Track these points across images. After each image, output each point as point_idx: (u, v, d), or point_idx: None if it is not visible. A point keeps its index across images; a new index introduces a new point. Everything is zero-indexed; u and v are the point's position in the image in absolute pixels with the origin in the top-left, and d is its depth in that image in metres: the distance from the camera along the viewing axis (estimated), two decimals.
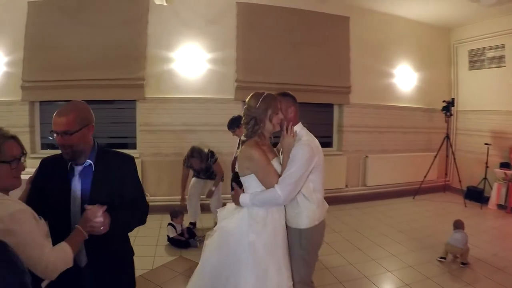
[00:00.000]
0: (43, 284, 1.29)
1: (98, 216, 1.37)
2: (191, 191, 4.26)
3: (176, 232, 3.85)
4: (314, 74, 5.33)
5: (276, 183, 1.82)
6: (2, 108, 4.89)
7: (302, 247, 1.97)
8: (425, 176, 5.90)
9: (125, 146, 5.08)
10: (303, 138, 1.94)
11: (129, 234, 1.83)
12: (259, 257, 1.83)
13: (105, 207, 1.40)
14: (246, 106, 1.93)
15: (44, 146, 5.19)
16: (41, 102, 5.06)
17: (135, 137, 5.04)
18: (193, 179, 4.28)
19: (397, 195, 5.91)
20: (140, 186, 1.71)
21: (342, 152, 5.62)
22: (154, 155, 4.94)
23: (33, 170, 2.35)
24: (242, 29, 5.08)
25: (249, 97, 1.93)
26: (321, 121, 5.67)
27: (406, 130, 6.11)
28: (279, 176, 1.86)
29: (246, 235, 1.85)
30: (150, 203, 1.78)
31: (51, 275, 1.22)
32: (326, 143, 5.66)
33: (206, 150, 4.03)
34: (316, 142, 1.99)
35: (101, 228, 1.38)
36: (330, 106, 5.69)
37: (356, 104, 5.63)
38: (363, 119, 5.71)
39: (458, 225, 3.59)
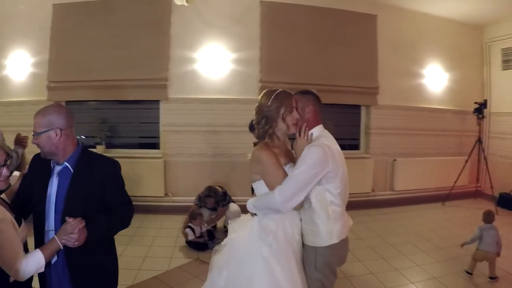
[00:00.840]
0: (11, 279, 1.36)
1: (74, 232, 1.40)
2: None
3: (194, 234, 3.75)
4: (340, 74, 5.16)
5: None
6: (28, 107, 4.91)
7: (318, 268, 1.72)
8: (455, 182, 5.61)
9: (154, 146, 5.09)
10: (318, 140, 1.72)
11: (148, 234, 1.78)
12: (273, 273, 1.65)
13: (83, 224, 1.43)
14: (257, 104, 1.76)
15: None
16: (67, 102, 5.13)
17: (159, 137, 5.03)
18: None
19: (426, 201, 5.63)
20: (122, 191, 1.67)
21: (369, 155, 5.40)
22: (176, 156, 4.91)
23: None
24: (266, 29, 4.97)
25: (261, 94, 1.77)
26: (348, 123, 5.49)
27: (436, 132, 5.83)
28: None
29: (259, 248, 1.68)
30: (172, 203, 1.72)
31: (20, 278, 1.33)
32: (353, 145, 5.49)
33: (220, 190, 4.09)
34: (335, 146, 1.73)
35: (75, 243, 1.41)
36: (357, 107, 5.50)
37: (384, 106, 5.41)
38: (391, 121, 5.48)
39: (490, 218, 3.18)
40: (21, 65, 5.15)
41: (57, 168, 1.56)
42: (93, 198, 1.54)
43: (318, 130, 1.78)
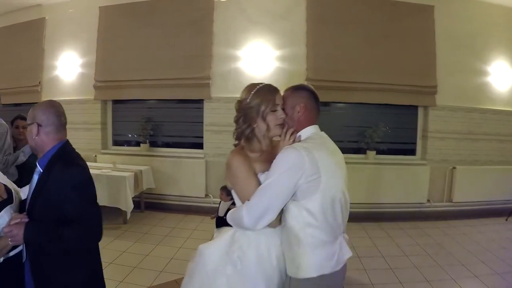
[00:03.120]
0: None
1: (9, 225, 1.32)
2: None
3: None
4: (394, 71, 4.73)
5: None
6: (77, 106, 5.20)
7: None
8: None
9: (198, 146, 5.04)
10: (299, 142, 1.41)
11: (181, 235, 1.56)
12: None
13: (19, 219, 1.34)
14: (238, 99, 1.52)
15: (116, 142, 5.43)
16: (114, 101, 5.26)
17: (203, 137, 4.99)
18: None
19: (487, 215, 4.97)
20: (84, 203, 1.44)
21: (426, 162, 4.90)
22: (218, 156, 4.82)
23: (104, 165, 2.28)
24: (312, 24, 4.69)
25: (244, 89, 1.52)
26: (404, 126, 5.02)
27: (503, 138, 5.17)
28: None
29: (224, 265, 1.44)
30: (212, 205, 1.46)
31: None
32: (408, 150, 5.02)
33: None
34: (322, 152, 1.35)
35: (9, 239, 1.33)
36: (413, 108, 5.01)
37: (443, 106, 4.89)
38: (452, 124, 4.93)
39: None
40: (70, 66, 5.36)
41: (38, 168, 1.51)
42: (52, 205, 1.39)
43: (308, 132, 1.45)
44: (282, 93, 1.50)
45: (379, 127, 4.75)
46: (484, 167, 5.06)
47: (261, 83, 1.48)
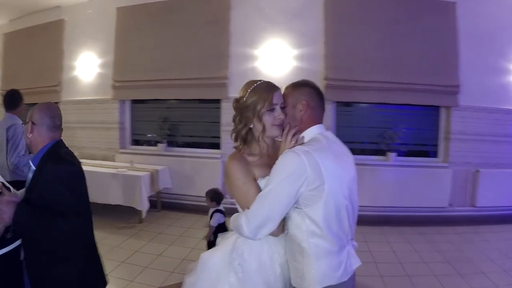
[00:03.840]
0: None
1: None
2: None
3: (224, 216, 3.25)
4: (415, 70, 4.59)
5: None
6: (96, 106, 5.28)
7: None
8: None
9: (215, 146, 5.02)
10: (302, 145, 1.30)
11: (195, 236, 1.56)
12: None
13: (11, 198, 1.33)
14: (235, 98, 1.43)
15: (134, 142, 5.50)
16: (132, 101, 5.34)
17: (220, 137, 4.97)
18: None
19: None
20: (72, 196, 1.42)
21: (447, 164, 4.73)
22: None
23: (123, 164, 2.25)
24: (331, 22, 4.61)
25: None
26: (425, 127, 4.85)
27: None
28: None
29: (227, 274, 1.37)
30: (229, 205, 1.40)
31: None
32: (430, 152, 4.86)
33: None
34: (325, 156, 1.24)
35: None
36: (435, 109, 4.86)
37: (466, 107, 4.72)
38: (475, 125, 4.74)
39: None
40: (89, 66, 5.44)
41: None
42: (44, 201, 1.41)
43: (312, 132, 1.33)
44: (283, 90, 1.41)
45: (400, 128, 4.62)
46: (509, 171, 4.86)
47: (260, 80, 1.38)
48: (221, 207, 3.25)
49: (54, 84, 5.68)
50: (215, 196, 3.26)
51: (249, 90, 1.35)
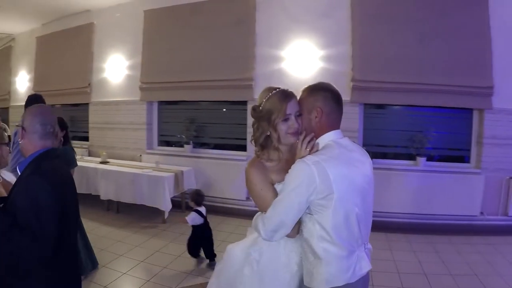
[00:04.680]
0: None
1: None
2: None
3: (204, 215, 3.36)
4: (445, 71, 4.40)
5: None
6: (124, 107, 5.42)
7: None
8: None
9: (242, 148, 5.03)
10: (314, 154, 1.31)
11: (217, 238, 1.59)
12: None
13: None
14: (252, 106, 1.44)
15: (161, 143, 5.59)
16: (160, 102, 5.43)
17: (245, 139, 4.95)
18: None
19: None
20: (24, 212, 1.29)
21: (480, 170, 4.49)
22: None
23: (149, 165, 2.21)
24: (358, 21, 4.50)
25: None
26: (457, 130, 4.64)
27: None
28: None
29: (243, 266, 1.45)
30: (254, 208, 1.40)
31: None
32: (461, 157, 4.64)
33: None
34: (335, 166, 1.25)
35: None
36: (468, 111, 4.66)
37: (500, 110, 4.46)
38: (510, 129, 4.46)
39: None
40: (118, 68, 5.58)
41: None
42: (10, 209, 1.34)
43: (326, 139, 1.33)
44: (300, 93, 1.41)
45: (430, 131, 4.43)
46: None
47: (277, 88, 1.39)
48: (201, 208, 3.38)
49: (84, 85, 5.88)
50: (194, 197, 3.45)
51: (264, 100, 1.37)
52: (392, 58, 4.45)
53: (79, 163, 3.49)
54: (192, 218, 3.31)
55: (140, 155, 5.37)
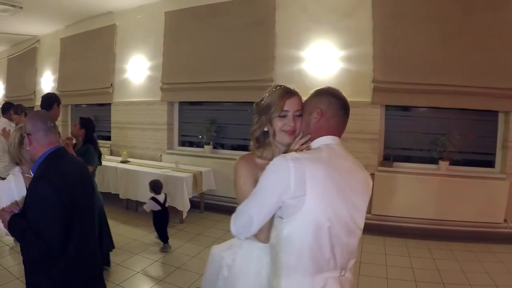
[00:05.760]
0: None
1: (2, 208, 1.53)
2: None
3: (161, 202, 3.74)
4: (470, 72, 4.24)
5: None
6: (145, 107, 5.52)
7: None
8: None
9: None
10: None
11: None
12: None
13: (11, 208, 1.50)
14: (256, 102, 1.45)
15: (182, 143, 5.66)
16: (181, 103, 5.50)
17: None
18: None
19: None
20: (38, 218, 1.41)
21: (505, 176, 4.28)
22: None
23: (168, 165, 2.17)
24: (379, 21, 4.39)
25: None
26: (482, 134, 4.45)
27: None
28: None
29: (219, 269, 1.43)
30: None
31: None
32: (486, 162, 4.43)
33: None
34: (316, 168, 1.13)
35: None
36: (493, 114, 4.46)
37: None
38: None
39: None
40: (139, 69, 5.68)
41: None
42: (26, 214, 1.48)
43: (320, 142, 1.25)
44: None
45: (453, 134, 4.24)
46: None
47: (281, 86, 1.39)
48: (159, 196, 3.77)
49: (107, 86, 6.02)
50: (152, 185, 3.80)
51: (268, 94, 1.38)
52: (415, 58, 4.34)
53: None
54: (148, 206, 3.72)
55: (161, 155, 5.45)
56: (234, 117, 5.20)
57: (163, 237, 3.67)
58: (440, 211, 4.19)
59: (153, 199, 3.71)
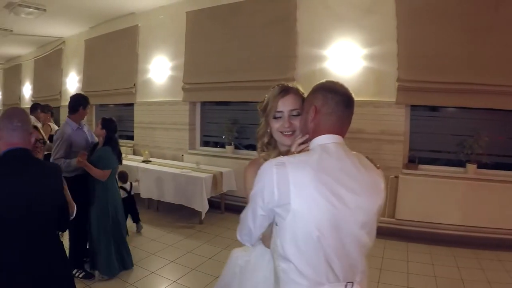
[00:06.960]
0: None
1: None
2: None
3: (127, 190, 4.27)
4: (500, 70, 3.97)
5: None
6: (167, 107, 5.61)
7: None
8: None
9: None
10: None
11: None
12: None
13: None
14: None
15: (204, 143, 5.71)
16: (203, 103, 5.54)
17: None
18: None
19: None
20: None
21: None
22: None
23: (189, 165, 2.15)
24: (404, 17, 4.25)
25: None
26: (510, 135, 4.19)
27: None
28: None
29: (235, 262, 1.43)
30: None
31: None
32: (510, 164, 4.18)
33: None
34: (303, 174, 1.03)
35: None
36: None
37: None
38: None
39: None
40: (161, 69, 5.76)
41: None
42: None
43: (317, 142, 1.13)
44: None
45: (482, 136, 4.02)
46: None
47: (278, 84, 1.36)
48: (125, 185, 4.31)
49: (130, 86, 6.14)
50: (119, 175, 4.12)
51: (268, 93, 1.33)
52: (441, 56, 4.17)
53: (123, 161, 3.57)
54: None
55: (182, 155, 5.52)
56: (256, 117, 5.13)
57: (136, 218, 4.19)
58: (467, 216, 3.96)
59: (121, 187, 4.05)
